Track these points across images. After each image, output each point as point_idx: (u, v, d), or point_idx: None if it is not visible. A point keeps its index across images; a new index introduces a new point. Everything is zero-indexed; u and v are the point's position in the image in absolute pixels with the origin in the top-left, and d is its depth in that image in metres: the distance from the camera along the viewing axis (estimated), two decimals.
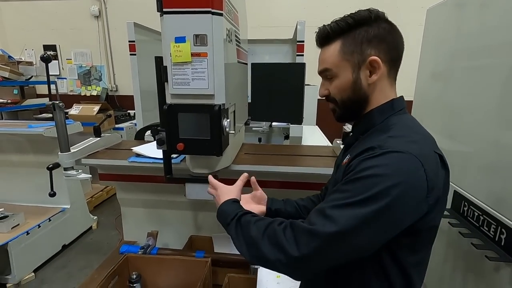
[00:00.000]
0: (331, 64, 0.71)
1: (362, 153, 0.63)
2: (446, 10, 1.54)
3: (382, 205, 0.56)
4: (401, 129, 0.67)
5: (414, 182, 0.57)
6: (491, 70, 1.14)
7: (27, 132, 2.08)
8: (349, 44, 0.69)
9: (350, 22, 0.69)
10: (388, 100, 0.72)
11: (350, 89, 0.71)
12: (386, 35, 0.69)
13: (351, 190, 0.59)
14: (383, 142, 0.62)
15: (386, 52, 0.69)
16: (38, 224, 2.18)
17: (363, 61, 0.68)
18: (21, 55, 4.73)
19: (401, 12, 3.97)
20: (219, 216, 0.81)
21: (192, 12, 0.96)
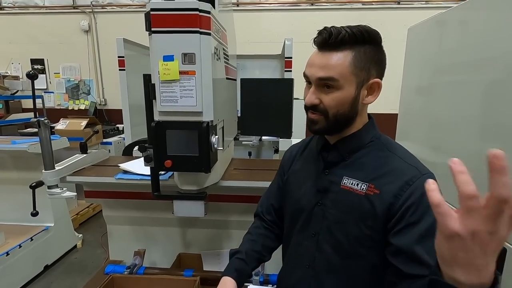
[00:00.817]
0: (340, 74, 0.66)
1: (406, 184, 0.65)
2: (426, 28, 1.61)
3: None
4: (399, 149, 0.73)
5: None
6: (471, 85, 1.19)
7: (10, 148, 2.02)
8: (361, 59, 0.66)
9: (365, 35, 0.65)
10: (369, 120, 0.76)
11: (349, 104, 0.68)
12: (384, 59, 0.71)
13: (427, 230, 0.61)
14: (415, 168, 0.67)
15: (381, 76, 0.71)
16: (19, 244, 2.09)
17: (367, 80, 0.68)
18: (7, 69, 4.66)
19: (385, 29, 4.12)
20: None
21: (181, 32, 0.98)
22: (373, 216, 0.67)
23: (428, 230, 0.61)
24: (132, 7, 4.48)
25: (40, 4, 4.56)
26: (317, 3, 4.21)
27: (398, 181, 0.66)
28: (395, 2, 4.11)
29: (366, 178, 0.70)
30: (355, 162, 0.73)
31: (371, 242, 0.69)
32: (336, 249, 0.75)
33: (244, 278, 0.87)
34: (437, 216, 0.40)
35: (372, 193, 0.68)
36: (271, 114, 1.79)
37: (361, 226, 0.69)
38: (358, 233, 0.70)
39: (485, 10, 1.14)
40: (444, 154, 1.37)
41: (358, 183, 0.70)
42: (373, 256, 0.70)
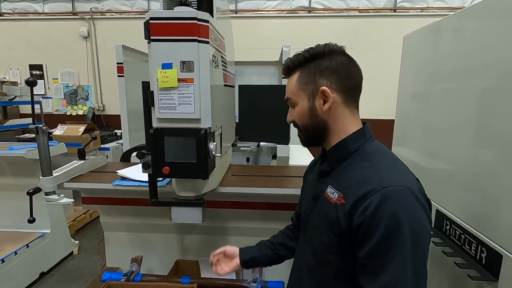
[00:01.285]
0: (291, 93, 0.80)
1: (365, 196, 0.64)
2: (421, 36, 1.64)
3: (425, 246, 0.63)
4: (381, 158, 0.72)
5: (422, 216, 0.63)
6: (465, 91, 1.21)
7: (8, 154, 2.02)
8: (304, 76, 0.77)
9: (306, 56, 0.76)
10: (359, 129, 0.77)
11: (307, 115, 0.77)
12: (339, 66, 0.75)
13: (389, 252, 0.61)
14: (380, 179, 0.65)
15: (338, 82, 0.74)
16: (15, 251, 2.07)
17: (316, 90, 0.75)
18: (6, 74, 4.67)
19: (382, 36, 4.20)
20: None
21: (179, 40, 0.99)
22: (338, 225, 0.69)
23: (373, 251, 0.62)
24: (131, 14, 4.52)
25: (40, 10, 4.59)
26: (314, 11, 4.27)
27: (359, 192, 0.66)
28: (391, 10, 4.18)
29: (340, 187, 0.72)
30: (341, 171, 0.76)
31: (339, 249, 0.71)
32: (313, 255, 0.79)
33: (248, 254, 1.01)
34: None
35: (339, 203, 0.70)
36: (269, 121, 1.80)
37: (330, 234, 0.72)
38: (328, 240, 0.73)
39: (479, 19, 1.17)
40: (440, 160, 1.38)
41: (334, 192, 0.73)
42: (343, 263, 0.71)
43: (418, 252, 0.61)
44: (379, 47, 4.20)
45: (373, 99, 3.57)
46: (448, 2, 4.12)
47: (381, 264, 0.61)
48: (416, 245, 0.61)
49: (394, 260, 0.60)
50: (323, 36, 4.37)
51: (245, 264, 1.02)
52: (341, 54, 0.76)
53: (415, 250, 0.60)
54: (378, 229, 0.61)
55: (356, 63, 0.77)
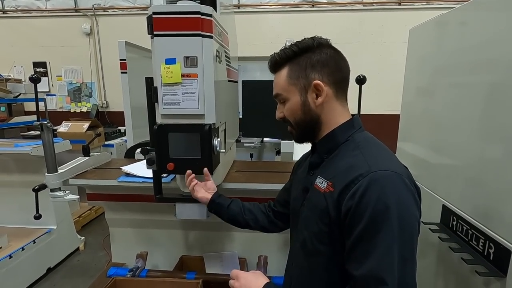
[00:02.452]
0: (281, 89, 0.78)
1: (353, 182, 0.64)
2: (428, 30, 1.61)
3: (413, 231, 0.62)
4: (370, 147, 0.72)
5: (410, 202, 0.63)
6: (472, 86, 1.19)
7: (14, 151, 2.03)
8: (295, 70, 0.75)
9: (295, 50, 0.75)
10: (348, 120, 0.77)
11: (300, 110, 0.76)
12: (329, 60, 0.74)
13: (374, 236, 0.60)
14: (368, 165, 0.65)
15: (329, 75, 0.74)
16: (22, 247, 2.10)
17: (308, 84, 0.74)
18: (10, 72, 4.69)
19: (386, 30, 4.14)
20: None
21: (183, 35, 0.98)
22: (327, 213, 0.69)
23: (360, 235, 0.62)
24: (134, 10, 4.50)
25: (42, 8, 4.59)
26: (317, 5, 4.21)
27: (347, 178, 0.66)
28: (396, 3, 4.11)
29: (328, 176, 0.72)
30: (329, 161, 0.76)
31: (328, 239, 0.70)
32: (302, 246, 0.79)
33: (219, 199, 1.07)
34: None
35: (328, 191, 0.70)
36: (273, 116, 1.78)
37: (319, 223, 0.71)
38: (317, 230, 0.72)
39: (487, 11, 1.14)
40: (446, 155, 1.37)
41: (322, 182, 0.73)
42: (332, 253, 0.71)
43: (405, 236, 0.60)
44: (384, 41, 4.15)
45: (378, 94, 3.53)
46: None
47: (368, 248, 0.61)
48: (403, 230, 0.60)
49: (380, 244, 0.59)
50: (326, 31, 4.29)
51: (211, 204, 1.07)
52: (328, 47, 0.76)
53: (402, 234, 0.60)
54: (366, 213, 0.61)
55: (343, 56, 0.77)
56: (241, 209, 1.05)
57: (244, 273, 0.81)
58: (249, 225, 1.06)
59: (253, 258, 1.54)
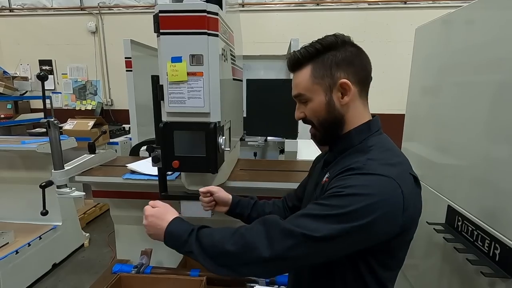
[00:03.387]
0: (304, 89, 0.74)
1: (342, 172, 0.66)
2: (434, 29, 1.60)
3: (362, 223, 0.59)
4: (380, 152, 0.70)
5: (392, 201, 0.61)
6: (479, 86, 1.18)
7: (20, 148, 2.06)
8: (319, 69, 0.72)
9: (318, 48, 0.72)
10: (365, 122, 0.75)
11: (324, 110, 0.74)
12: (354, 58, 0.73)
13: (332, 205, 0.61)
14: (362, 164, 0.65)
15: (354, 74, 0.72)
16: (28, 243, 2.13)
17: (334, 84, 0.72)
18: (16, 69, 4.73)
19: (392, 29, 4.11)
20: (169, 237, 0.75)
21: (189, 33, 0.99)
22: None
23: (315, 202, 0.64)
24: (138, 8, 4.51)
25: (48, 6, 4.62)
26: (322, 3, 4.19)
27: (339, 170, 0.68)
28: (402, 2, 4.08)
29: (331, 172, 0.75)
30: (340, 160, 0.76)
31: None
32: None
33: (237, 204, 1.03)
34: None
35: (324, 182, 0.74)
36: (277, 115, 1.79)
37: None
38: None
39: (494, 10, 1.13)
40: (451, 155, 1.36)
41: (327, 176, 0.76)
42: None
43: (356, 221, 0.58)
44: (389, 40, 4.12)
45: (383, 93, 3.51)
46: None
47: (315, 207, 0.63)
48: (368, 223, 0.58)
49: (324, 209, 0.61)
50: (331, 29, 4.24)
51: (230, 214, 1.05)
52: (352, 45, 0.74)
53: (353, 217, 0.59)
54: (334, 191, 0.62)
55: (366, 54, 0.76)
56: (261, 214, 1.02)
57: (152, 210, 0.82)
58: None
59: None
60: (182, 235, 0.73)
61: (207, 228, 0.73)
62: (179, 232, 0.74)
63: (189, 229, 0.73)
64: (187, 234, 0.72)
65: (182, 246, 0.73)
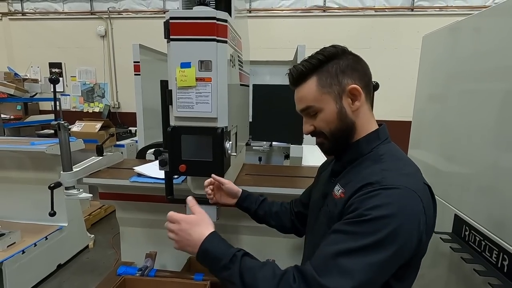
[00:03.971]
0: (312, 100, 0.73)
1: (360, 189, 0.64)
2: (441, 36, 1.60)
3: (394, 248, 0.58)
4: (392, 161, 0.70)
5: (416, 219, 0.60)
6: (486, 94, 1.17)
7: (30, 149, 2.09)
8: (325, 78, 0.72)
9: (321, 58, 0.73)
10: (374, 130, 0.75)
11: (337, 119, 0.73)
12: (356, 64, 0.74)
13: (359, 233, 0.59)
14: (380, 177, 0.64)
15: (360, 79, 0.74)
16: (34, 243, 2.15)
17: (343, 90, 0.72)
18: (27, 72, 4.83)
19: (398, 36, 4.11)
20: (204, 255, 0.70)
21: (198, 40, 1.00)
22: (333, 218, 0.69)
23: (344, 229, 0.61)
24: (147, 13, 4.59)
25: (60, 10, 4.73)
26: (329, 10, 4.22)
27: (357, 185, 0.65)
28: (409, 9, 4.08)
29: (344, 185, 0.72)
30: (350, 170, 0.75)
31: None
32: (313, 250, 0.76)
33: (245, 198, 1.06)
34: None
35: (340, 197, 0.71)
36: (283, 120, 1.79)
37: (326, 228, 0.71)
38: (324, 234, 0.70)
39: (502, 19, 1.13)
40: (458, 163, 1.35)
41: (339, 189, 0.73)
42: None
43: (388, 248, 0.57)
44: (395, 47, 4.12)
45: (388, 100, 3.50)
46: (468, 1, 4.00)
47: (346, 238, 0.59)
48: (390, 240, 0.57)
49: (358, 241, 0.58)
50: (338, 36, 4.32)
51: (238, 206, 1.08)
52: (350, 53, 0.75)
53: (385, 243, 0.57)
54: (362, 214, 0.59)
55: (364, 60, 0.77)
56: (267, 213, 1.06)
57: (185, 217, 0.74)
58: (274, 227, 1.08)
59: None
60: (221, 258, 0.67)
61: (249, 259, 0.68)
62: (216, 253, 0.68)
63: (229, 253, 0.68)
64: (227, 259, 0.67)
65: (219, 271, 0.67)
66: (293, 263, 0.95)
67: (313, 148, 2.90)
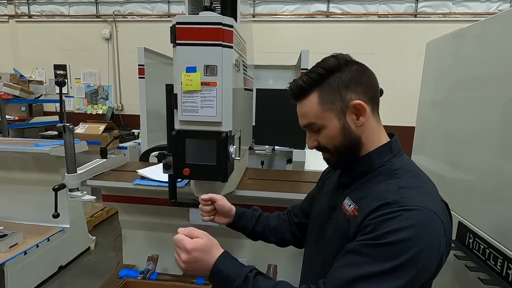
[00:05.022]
0: (314, 117, 0.70)
1: (378, 209, 0.61)
2: (445, 43, 1.60)
3: (413, 273, 0.56)
4: (409, 178, 0.67)
5: (437, 242, 0.58)
6: (490, 100, 1.17)
7: (34, 150, 2.10)
8: (327, 94, 0.69)
9: (321, 72, 0.68)
10: (385, 142, 0.72)
11: (340, 135, 0.70)
12: (360, 76, 0.70)
13: (378, 257, 0.57)
14: (399, 197, 0.61)
15: (364, 93, 0.69)
16: (36, 244, 2.15)
17: (346, 107, 0.68)
18: (32, 73, 4.88)
19: (401, 42, 4.12)
20: (217, 276, 0.68)
21: (204, 45, 1.01)
22: (347, 237, 0.66)
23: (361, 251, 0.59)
24: (152, 17, 4.64)
25: (66, 13, 4.79)
26: (332, 15, 4.24)
27: (373, 204, 0.63)
28: (412, 15, 4.10)
29: (356, 200, 0.69)
30: (362, 184, 0.71)
31: None
32: (322, 266, 0.75)
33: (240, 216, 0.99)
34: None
35: (352, 214, 0.67)
36: (286, 125, 1.80)
37: (338, 245, 0.69)
38: (335, 252, 0.69)
39: (506, 26, 1.13)
40: (462, 170, 1.34)
41: (350, 204, 0.70)
42: None
43: (406, 274, 0.55)
44: (398, 52, 4.13)
45: (391, 106, 3.50)
46: (471, 7, 4.01)
47: (364, 261, 0.57)
48: (408, 267, 0.55)
49: (376, 265, 0.56)
50: (341, 41, 4.34)
51: (232, 227, 1.00)
52: (355, 63, 0.71)
53: (403, 270, 0.55)
54: (381, 237, 0.57)
55: (370, 69, 0.72)
56: (266, 228, 0.99)
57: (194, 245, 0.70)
58: (273, 243, 1.01)
59: (262, 267, 1.53)
60: (234, 279, 0.66)
61: (262, 279, 0.67)
62: (230, 274, 0.67)
63: (242, 273, 0.67)
64: (241, 280, 0.66)
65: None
66: (295, 269, 0.94)
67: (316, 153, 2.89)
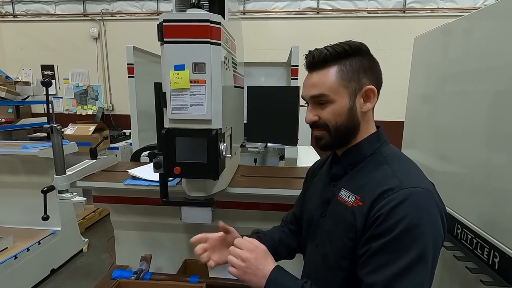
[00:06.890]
0: (328, 89, 0.70)
1: (382, 195, 0.64)
2: (432, 38, 1.62)
3: (434, 252, 0.61)
4: (399, 162, 0.71)
5: (439, 217, 0.63)
6: (477, 94, 1.20)
7: (22, 153, 2.06)
8: (348, 71, 0.70)
9: (347, 49, 0.69)
10: (374, 132, 0.75)
11: (345, 115, 0.71)
12: (376, 67, 0.74)
13: (401, 249, 0.60)
14: (398, 181, 0.65)
15: (375, 83, 0.73)
16: (27, 248, 2.12)
17: (359, 89, 0.71)
18: (18, 74, 4.76)
19: (390, 37, 4.16)
20: (271, 285, 0.69)
21: (192, 42, 1.00)
22: (355, 228, 0.67)
23: (382, 249, 0.62)
24: (141, 15, 4.57)
25: (52, 12, 4.68)
26: (322, 12, 4.25)
27: (376, 192, 0.65)
28: (401, 11, 4.14)
29: (356, 190, 0.70)
30: (355, 174, 0.73)
31: (352, 254, 0.69)
32: (324, 261, 0.76)
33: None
34: None
35: (356, 205, 0.68)
36: (278, 122, 1.80)
37: (344, 238, 0.70)
38: (341, 245, 0.70)
39: (492, 21, 1.16)
40: (451, 163, 1.37)
41: (349, 195, 0.71)
42: (354, 269, 0.68)
43: (428, 256, 0.60)
44: (388, 48, 4.17)
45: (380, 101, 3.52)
46: (459, 2, 4.07)
47: (389, 260, 0.60)
48: (430, 249, 0.60)
49: (404, 260, 0.59)
50: (331, 37, 4.32)
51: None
52: (372, 55, 0.74)
53: (427, 254, 0.60)
54: (396, 227, 0.60)
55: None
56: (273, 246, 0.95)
57: (256, 247, 0.73)
58: (285, 258, 0.99)
59: None
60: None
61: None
62: (286, 284, 0.70)
63: (298, 284, 0.69)
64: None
65: None
66: (293, 268, 0.95)
67: (308, 149, 2.91)
